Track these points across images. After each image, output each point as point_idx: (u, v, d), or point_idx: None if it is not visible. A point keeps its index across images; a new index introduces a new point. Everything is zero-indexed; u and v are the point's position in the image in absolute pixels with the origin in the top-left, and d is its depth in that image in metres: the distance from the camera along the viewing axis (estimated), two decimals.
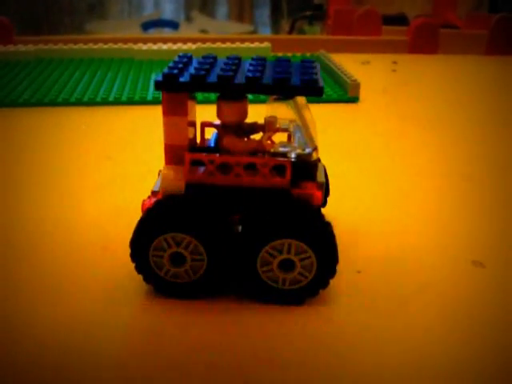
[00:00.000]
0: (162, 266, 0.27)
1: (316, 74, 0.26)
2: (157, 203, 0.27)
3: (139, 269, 0.27)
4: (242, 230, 0.26)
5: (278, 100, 0.27)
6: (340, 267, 0.27)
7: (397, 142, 0.50)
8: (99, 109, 0.57)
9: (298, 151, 0.27)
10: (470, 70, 0.75)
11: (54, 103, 0.58)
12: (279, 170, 0.26)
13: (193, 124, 0.28)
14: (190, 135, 0.28)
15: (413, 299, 0.28)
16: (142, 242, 0.27)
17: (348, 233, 0.27)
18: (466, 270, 0.31)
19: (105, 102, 0.58)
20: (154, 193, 0.28)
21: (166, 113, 0.26)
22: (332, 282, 0.27)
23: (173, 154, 0.27)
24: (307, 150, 0.27)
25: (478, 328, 0.26)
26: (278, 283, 0.27)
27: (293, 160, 0.27)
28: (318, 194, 0.27)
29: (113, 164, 0.44)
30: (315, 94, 0.25)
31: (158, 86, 0.25)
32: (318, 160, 0.29)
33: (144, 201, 0.28)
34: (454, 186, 0.41)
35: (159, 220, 0.26)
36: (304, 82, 0.25)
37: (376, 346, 0.25)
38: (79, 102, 0.58)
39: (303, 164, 0.27)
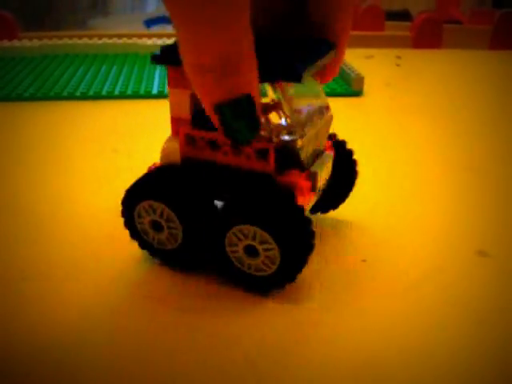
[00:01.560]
0: (146, 231, 0.29)
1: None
2: (148, 172, 0.28)
3: (127, 224, 0.29)
4: (220, 209, 0.26)
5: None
6: (346, 256, 0.27)
7: (400, 134, 0.50)
8: (104, 102, 0.57)
9: (286, 136, 0.26)
10: (474, 64, 0.75)
11: (59, 97, 0.58)
12: (264, 154, 0.26)
13: None
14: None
15: (417, 288, 0.28)
16: (128, 205, 0.29)
17: (352, 222, 0.27)
18: (470, 260, 0.31)
19: (110, 96, 0.58)
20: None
21: (170, 85, 0.27)
22: (337, 269, 0.27)
23: (177, 127, 0.28)
24: (292, 136, 0.26)
25: (481, 316, 0.26)
26: (245, 267, 0.27)
27: (280, 144, 0.26)
28: (304, 184, 0.26)
29: (119, 156, 0.44)
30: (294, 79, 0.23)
31: (155, 58, 0.26)
32: (324, 149, 0.28)
33: (149, 167, 0.29)
34: (458, 177, 0.41)
35: (142, 187, 0.28)
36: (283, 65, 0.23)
37: (379, 332, 0.25)
38: (84, 96, 0.58)
39: (287, 150, 0.26)
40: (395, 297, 0.28)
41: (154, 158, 0.43)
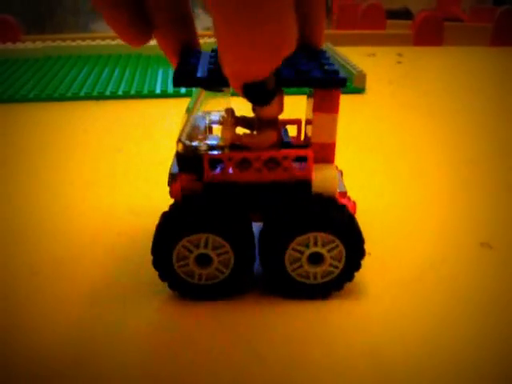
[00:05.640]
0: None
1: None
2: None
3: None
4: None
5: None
6: None
7: (402, 130, 0.50)
8: (108, 103, 0.58)
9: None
10: (475, 60, 0.75)
11: (63, 98, 0.58)
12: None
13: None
14: None
15: (421, 279, 0.29)
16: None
17: (357, 217, 0.27)
18: (473, 251, 0.31)
19: (114, 96, 0.59)
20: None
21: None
22: None
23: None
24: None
25: (484, 306, 0.27)
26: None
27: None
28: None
29: (124, 156, 0.45)
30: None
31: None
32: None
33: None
34: (462, 171, 0.41)
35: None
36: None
37: (383, 323, 0.26)
38: (89, 96, 0.59)
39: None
40: (400, 288, 0.28)
41: (157, 156, 0.43)
